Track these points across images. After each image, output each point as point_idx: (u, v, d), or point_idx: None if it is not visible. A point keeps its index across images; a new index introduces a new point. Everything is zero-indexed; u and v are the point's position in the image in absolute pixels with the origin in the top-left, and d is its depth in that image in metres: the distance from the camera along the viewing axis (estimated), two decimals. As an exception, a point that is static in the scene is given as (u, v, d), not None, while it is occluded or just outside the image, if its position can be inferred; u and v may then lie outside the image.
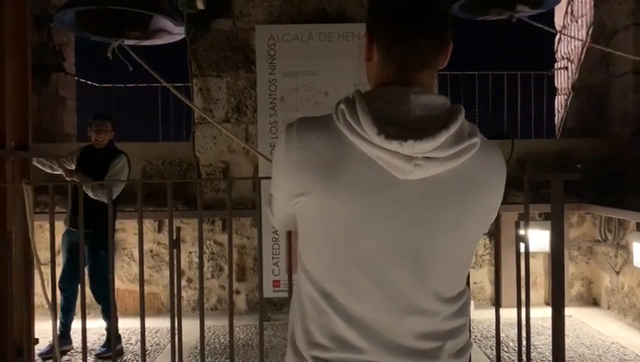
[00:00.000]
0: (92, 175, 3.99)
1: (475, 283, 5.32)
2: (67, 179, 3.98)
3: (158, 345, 4.41)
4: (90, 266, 4.03)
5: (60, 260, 3.98)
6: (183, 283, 5.05)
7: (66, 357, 4.06)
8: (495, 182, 1.05)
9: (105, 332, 4.20)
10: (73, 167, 4.12)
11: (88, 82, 7.10)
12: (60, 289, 3.82)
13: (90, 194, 3.84)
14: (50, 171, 4.09)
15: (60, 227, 4.09)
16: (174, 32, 4.58)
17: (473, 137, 0.98)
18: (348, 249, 1.00)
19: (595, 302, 5.40)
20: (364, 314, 1.01)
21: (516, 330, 2.55)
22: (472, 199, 1.01)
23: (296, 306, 1.10)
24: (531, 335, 2.56)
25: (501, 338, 2.63)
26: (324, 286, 1.03)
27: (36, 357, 3.29)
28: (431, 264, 1.01)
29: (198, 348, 2.75)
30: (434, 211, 0.99)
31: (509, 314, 2.73)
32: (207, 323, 2.96)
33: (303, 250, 1.08)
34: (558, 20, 6.66)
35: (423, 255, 1.00)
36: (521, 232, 2.56)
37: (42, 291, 2.70)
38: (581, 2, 6.11)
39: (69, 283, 4.03)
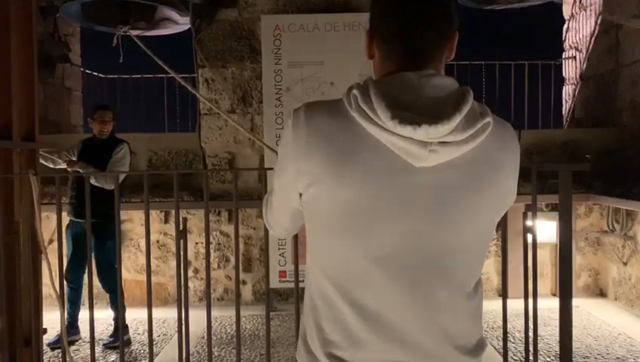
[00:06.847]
0: (96, 165, 4.01)
1: (482, 273, 5.31)
2: (69, 170, 4.00)
3: (165, 335, 4.43)
4: (97, 257, 4.04)
5: (65, 251, 3.99)
6: (190, 273, 5.08)
7: (74, 347, 4.09)
8: (510, 161, 1.02)
9: (112, 323, 4.23)
10: (75, 159, 4.15)
11: (94, 73, 7.11)
12: (67, 280, 3.83)
13: (93, 181, 3.84)
14: (52, 166, 4.11)
15: (66, 218, 4.11)
16: (179, 23, 4.57)
17: (485, 117, 0.95)
18: (362, 240, 0.96)
19: (602, 293, 5.39)
20: (380, 308, 0.96)
21: (523, 321, 2.55)
22: (489, 181, 0.98)
23: (307, 302, 1.06)
24: (538, 326, 2.55)
25: (508, 329, 2.63)
26: (336, 280, 0.99)
27: (44, 347, 3.32)
28: (450, 253, 0.98)
29: (205, 337, 2.76)
30: (451, 198, 0.95)
31: (515, 304, 2.72)
32: (214, 313, 2.97)
33: (312, 242, 1.04)
34: (567, 9, 6.59)
35: (442, 244, 0.97)
36: (529, 223, 2.55)
37: (50, 281, 2.71)
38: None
39: (75, 273, 4.06)
